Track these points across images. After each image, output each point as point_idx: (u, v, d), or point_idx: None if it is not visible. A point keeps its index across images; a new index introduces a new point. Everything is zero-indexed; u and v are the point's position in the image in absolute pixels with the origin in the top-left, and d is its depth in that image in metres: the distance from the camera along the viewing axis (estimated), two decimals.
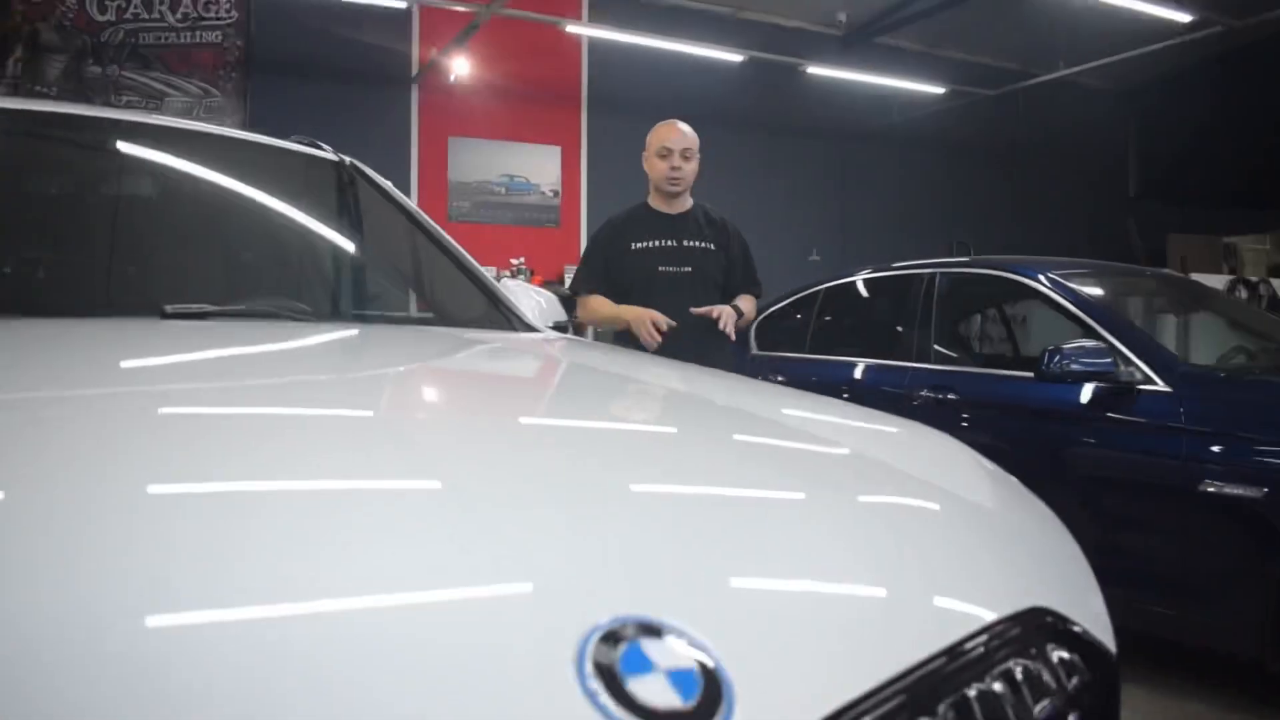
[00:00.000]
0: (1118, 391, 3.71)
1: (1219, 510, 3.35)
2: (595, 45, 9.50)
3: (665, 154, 3.76)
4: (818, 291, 5.61)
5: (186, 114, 7.97)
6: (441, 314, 2.20)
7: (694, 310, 3.63)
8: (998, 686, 0.75)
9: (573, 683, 0.57)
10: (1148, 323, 5.83)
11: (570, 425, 1.22)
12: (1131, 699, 3.30)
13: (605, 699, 0.57)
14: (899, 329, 5.00)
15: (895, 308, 5.10)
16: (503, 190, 9.25)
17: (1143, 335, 3.93)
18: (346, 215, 2.55)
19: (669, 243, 3.78)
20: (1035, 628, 0.83)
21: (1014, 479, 1.27)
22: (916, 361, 4.68)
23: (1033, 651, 0.79)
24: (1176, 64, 10.02)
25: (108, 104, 7.77)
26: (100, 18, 7.89)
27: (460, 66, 8.89)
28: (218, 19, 8.13)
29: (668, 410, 1.48)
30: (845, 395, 4.48)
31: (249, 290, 2.14)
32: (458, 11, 8.25)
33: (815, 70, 9.95)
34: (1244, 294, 8.51)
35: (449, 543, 0.72)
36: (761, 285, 4.04)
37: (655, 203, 3.86)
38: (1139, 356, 3.73)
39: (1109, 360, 3.73)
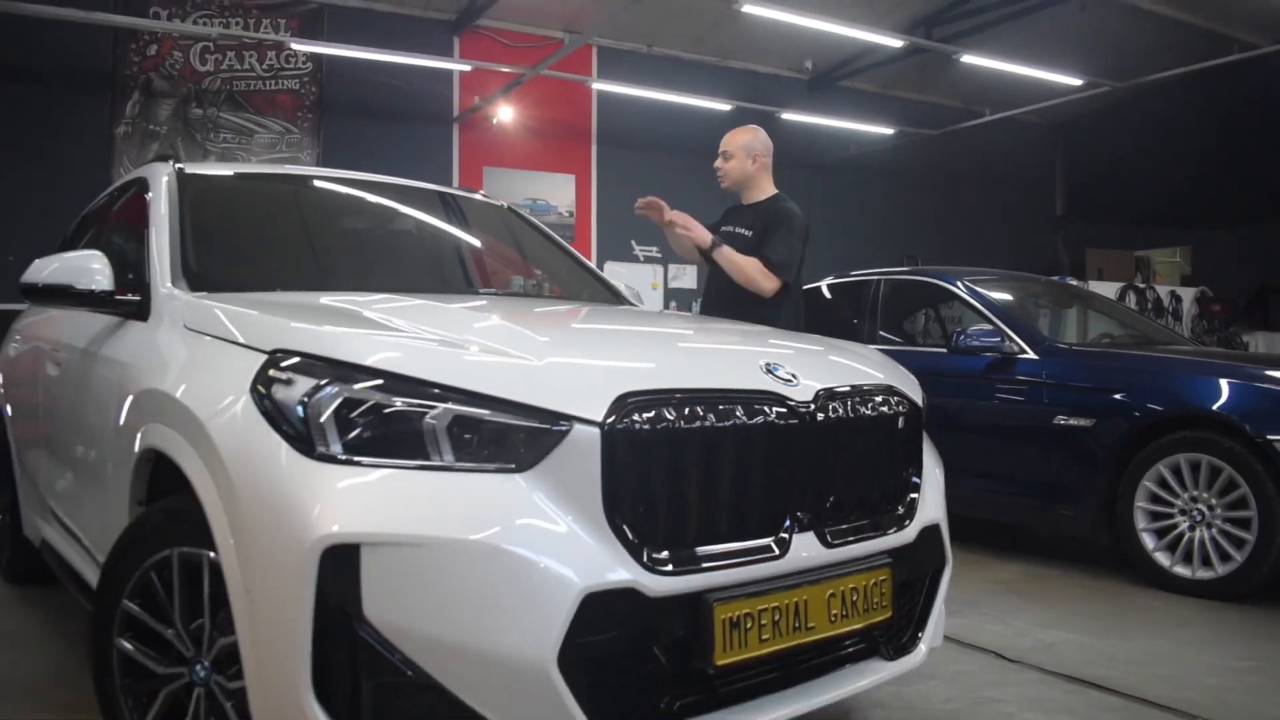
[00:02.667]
0: (1003, 359, 5.20)
1: (1066, 436, 4.83)
2: (604, 92, 10.77)
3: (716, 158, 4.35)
4: None
5: (271, 149, 9.25)
6: (586, 296, 3.66)
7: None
8: (888, 399, 2.27)
9: (763, 372, 2.06)
10: (1054, 316, 7.27)
11: (694, 321, 2.77)
12: (999, 567, 4.78)
13: (769, 374, 2.05)
14: (854, 321, 6.42)
15: (852, 305, 6.50)
16: (527, 211, 10.45)
17: (1021, 321, 5.39)
18: (518, 237, 4.01)
19: (730, 228, 4.21)
20: (888, 389, 2.32)
21: (891, 359, 2.74)
22: (867, 344, 6.15)
23: (888, 396, 2.29)
24: (1098, 101, 11.25)
25: (208, 140, 9.08)
26: (201, 68, 9.07)
27: (497, 111, 10.17)
28: (296, 69, 9.36)
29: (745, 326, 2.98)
30: None
31: (486, 279, 3.64)
32: (502, 71, 9.65)
33: (788, 116, 11.39)
34: (1133, 298, 10.04)
35: (706, 340, 2.30)
36: (784, 267, 4.04)
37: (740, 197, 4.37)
38: (1018, 335, 5.22)
39: (997, 339, 5.22)
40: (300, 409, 1.81)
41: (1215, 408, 4.32)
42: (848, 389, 2.19)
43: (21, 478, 4.13)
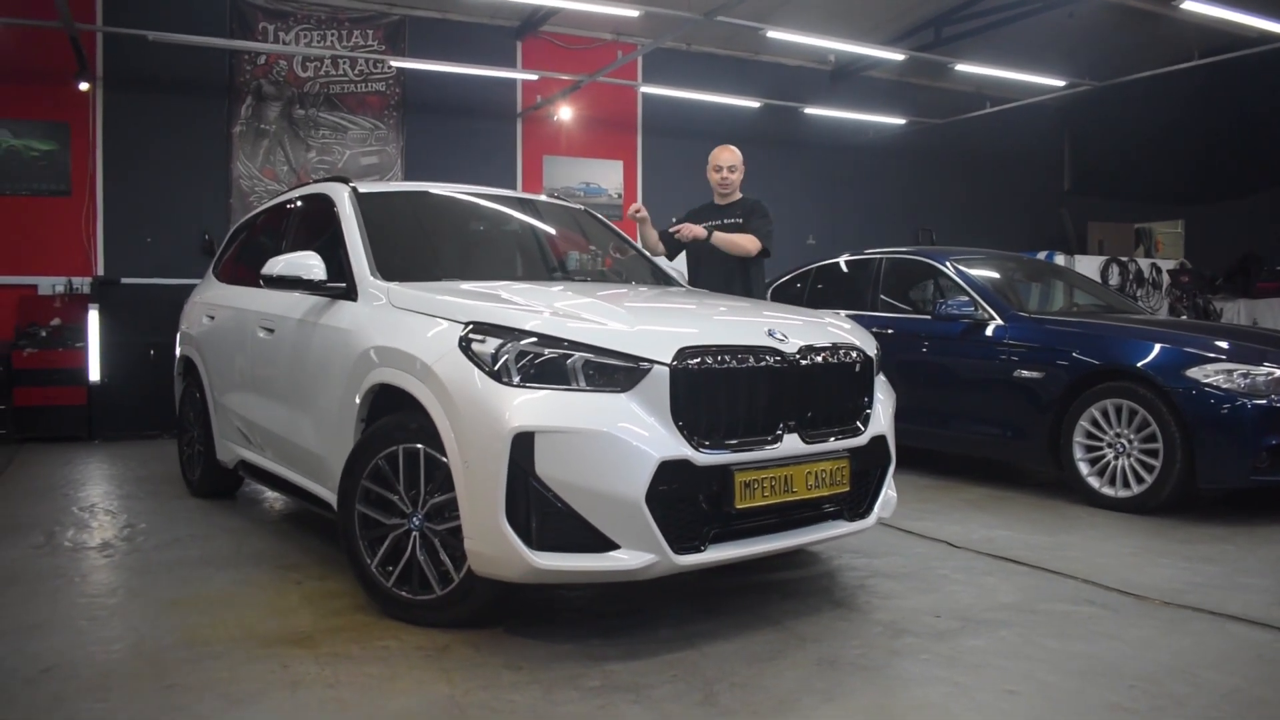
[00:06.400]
0: (975, 325, 6.28)
1: (1024, 386, 5.91)
2: (648, 91, 11.77)
3: (718, 169, 5.64)
4: (810, 270, 8.08)
5: (362, 143, 10.37)
6: (646, 278, 4.82)
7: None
8: (849, 353, 3.43)
9: (766, 335, 3.22)
10: (1043, 288, 8.24)
11: (722, 300, 3.92)
12: (967, 490, 5.92)
13: (771, 337, 3.20)
14: (862, 292, 7.50)
15: (860, 279, 7.58)
16: (581, 193, 11.48)
17: (992, 293, 6.42)
18: (592, 233, 5.17)
19: (716, 222, 5.59)
20: (849, 345, 3.45)
21: (858, 324, 3.88)
22: (871, 311, 7.22)
23: (852, 350, 3.44)
24: (1113, 79, 11.86)
25: (309, 136, 10.28)
26: (303, 74, 10.16)
27: (555, 109, 11.24)
28: (383, 73, 10.40)
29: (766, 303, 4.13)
30: None
31: (565, 268, 4.82)
32: (561, 79, 10.79)
33: (811, 110, 12.34)
34: (1116, 270, 10.94)
35: (729, 313, 3.45)
36: (767, 237, 5.46)
37: (715, 199, 5.75)
38: (988, 305, 6.29)
39: (971, 308, 6.30)
40: (492, 357, 3.02)
41: (1134, 364, 5.38)
42: (821, 345, 3.36)
43: (216, 414, 5.38)
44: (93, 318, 8.63)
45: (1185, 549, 4.57)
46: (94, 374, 8.56)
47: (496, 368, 3.00)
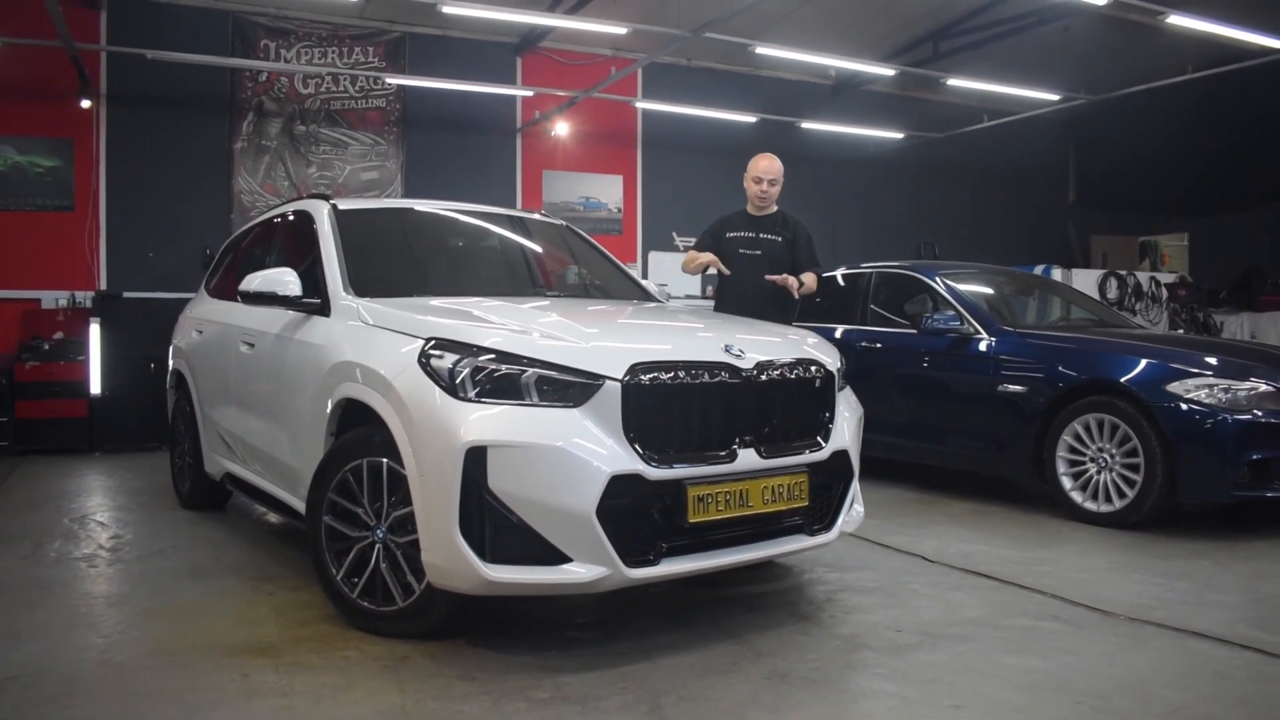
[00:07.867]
0: (961, 339, 6.29)
1: (1008, 400, 5.92)
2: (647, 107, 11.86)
3: (759, 180, 5.50)
4: None
5: (362, 159, 10.50)
6: (622, 293, 4.87)
7: (767, 277, 5.28)
8: (809, 368, 3.47)
9: (722, 350, 3.26)
10: (1040, 302, 8.22)
11: (685, 316, 3.97)
12: (951, 504, 5.93)
13: (727, 353, 3.24)
14: (852, 306, 7.51)
15: (851, 292, 7.61)
16: (581, 208, 11.61)
17: (979, 308, 6.43)
18: (572, 248, 5.23)
19: (750, 234, 5.53)
20: (810, 360, 3.49)
21: (826, 340, 3.92)
22: (860, 325, 7.24)
23: (812, 365, 3.48)
24: (1108, 94, 11.96)
25: (310, 152, 10.40)
26: (304, 91, 10.30)
27: (554, 124, 11.34)
28: (383, 90, 10.52)
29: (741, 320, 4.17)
30: None
31: (548, 284, 4.87)
32: (559, 95, 10.88)
33: (808, 125, 12.33)
34: (1114, 283, 10.91)
35: (691, 330, 3.51)
36: (821, 265, 5.61)
37: (749, 208, 5.62)
38: (975, 319, 6.30)
39: (958, 322, 6.31)
40: (449, 373, 3.07)
41: (1116, 378, 5.38)
42: (778, 360, 3.40)
43: (204, 427, 5.45)
44: (94, 331, 8.74)
45: (1161, 564, 4.56)
46: (95, 387, 8.67)
47: (454, 383, 3.05)
